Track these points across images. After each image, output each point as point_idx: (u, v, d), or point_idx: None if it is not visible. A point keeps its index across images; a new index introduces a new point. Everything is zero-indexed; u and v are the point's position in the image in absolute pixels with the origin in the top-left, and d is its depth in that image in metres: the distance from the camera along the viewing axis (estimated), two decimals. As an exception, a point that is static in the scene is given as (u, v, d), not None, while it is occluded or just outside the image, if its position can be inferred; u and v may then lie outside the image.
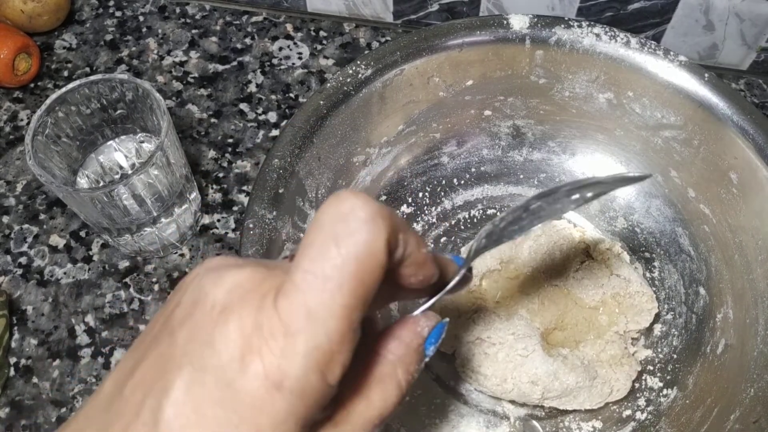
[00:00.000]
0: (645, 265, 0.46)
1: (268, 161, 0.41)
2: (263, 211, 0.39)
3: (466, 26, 0.45)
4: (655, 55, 0.43)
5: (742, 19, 0.53)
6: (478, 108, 0.48)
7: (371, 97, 0.44)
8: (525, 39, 0.44)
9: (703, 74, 0.42)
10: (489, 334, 0.41)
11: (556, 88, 0.46)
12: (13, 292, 0.48)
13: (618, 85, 0.45)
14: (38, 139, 0.43)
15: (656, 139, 0.45)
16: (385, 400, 0.24)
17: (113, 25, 0.61)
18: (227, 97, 0.57)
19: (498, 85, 0.46)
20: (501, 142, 0.49)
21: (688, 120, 0.43)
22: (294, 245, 0.40)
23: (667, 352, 0.43)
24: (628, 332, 0.43)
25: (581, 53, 0.44)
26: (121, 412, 0.21)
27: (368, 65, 0.44)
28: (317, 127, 0.42)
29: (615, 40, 0.44)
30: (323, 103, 0.43)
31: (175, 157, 0.44)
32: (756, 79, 0.57)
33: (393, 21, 0.61)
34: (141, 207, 0.44)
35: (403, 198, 0.48)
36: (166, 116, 0.42)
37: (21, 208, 0.52)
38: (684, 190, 0.45)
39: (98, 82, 0.44)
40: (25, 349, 0.46)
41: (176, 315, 0.22)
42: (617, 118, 0.46)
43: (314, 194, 0.43)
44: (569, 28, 0.44)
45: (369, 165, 0.46)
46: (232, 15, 0.62)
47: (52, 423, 0.43)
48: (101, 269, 0.49)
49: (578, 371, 0.40)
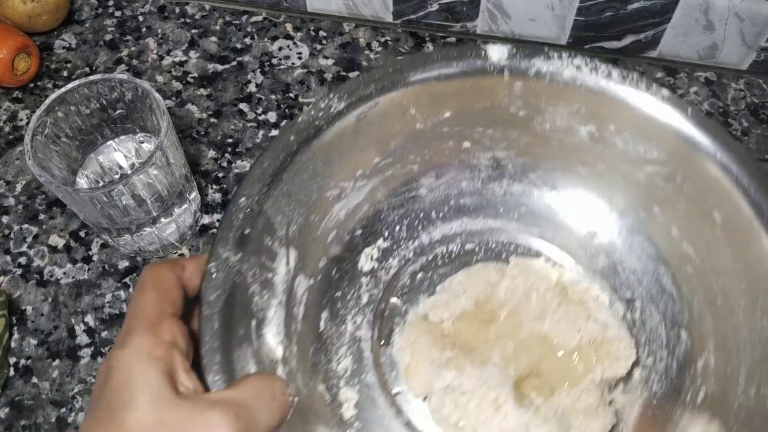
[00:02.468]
0: (626, 305, 0.45)
1: (234, 200, 0.39)
2: (227, 254, 0.37)
3: (442, 57, 0.43)
4: (637, 88, 0.42)
5: (742, 19, 0.53)
6: (456, 139, 0.46)
7: (345, 131, 0.43)
8: (503, 70, 0.43)
9: (687, 109, 0.41)
10: (461, 382, 0.40)
11: (536, 120, 0.45)
12: (13, 292, 0.48)
13: (599, 117, 0.43)
14: (38, 139, 0.43)
15: (639, 174, 0.44)
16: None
17: (113, 24, 0.61)
18: (227, 97, 0.57)
19: (477, 116, 0.45)
20: (480, 174, 0.48)
21: (671, 155, 0.42)
22: (260, 287, 0.39)
23: (646, 397, 0.42)
24: (605, 380, 0.42)
25: (561, 85, 0.43)
26: None
27: (341, 98, 0.42)
28: (287, 163, 0.41)
29: (596, 72, 0.42)
30: (294, 138, 0.41)
31: (175, 157, 0.44)
32: (756, 78, 0.57)
33: (393, 21, 0.61)
34: (140, 207, 0.44)
35: (379, 232, 0.47)
36: (166, 116, 0.42)
37: (20, 208, 0.52)
38: (667, 227, 0.43)
39: (98, 82, 0.44)
40: (25, 349, 0.46)
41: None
42: (599, 151, 0.44)
43: (284, 232, 0.41)
44: (549, 59, 0.43)
45: (344, 199, 0.45)
46: (231, 15, 0.62)
47: (51, 423, 0.43)
48: (101, 269, 0.49)
49: (551, 424, 0.39)
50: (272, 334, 0.40)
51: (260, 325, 0.39)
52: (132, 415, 0.28)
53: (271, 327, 0.40)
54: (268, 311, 0.40)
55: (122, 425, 0.28)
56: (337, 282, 0.45)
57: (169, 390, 0.29)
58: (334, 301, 0.45)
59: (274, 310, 0.40)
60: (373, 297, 0.46)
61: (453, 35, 0.60)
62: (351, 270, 0.46)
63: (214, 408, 0.29)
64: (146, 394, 0.28)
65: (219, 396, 0.30)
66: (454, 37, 0.60)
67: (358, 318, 0.45)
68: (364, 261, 0.47)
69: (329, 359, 0.43)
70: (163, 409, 0.28)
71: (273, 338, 0.40)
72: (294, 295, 0.42)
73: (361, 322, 0.45)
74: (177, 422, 0.28)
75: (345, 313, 0.45)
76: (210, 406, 0.29)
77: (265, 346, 0.39)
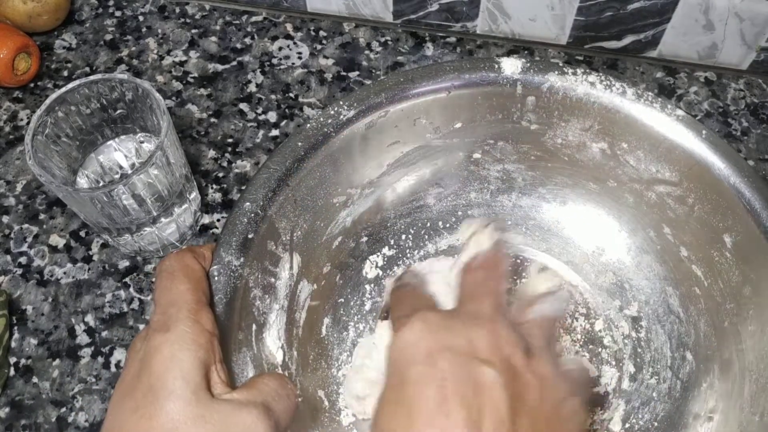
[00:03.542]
0: (632, 324, 0.45)
1: (239, 204, 0.39)
2: (229, 257, 0.37)
3: (455, 68, 0.43)
4: (651, 107, 0.41)
5: (742, 19, 0.53)
6: (466, 151, 0.46)
7: (353, 139, 0.43)
8: (516, 84, 0.43)
9: (701, 131, 0.40)
10: None
11: (548, 135, 0.45)
12: (13, 291, 0.48)
13: (612, 135, 0.43)
14: (38, 139, 0.43)
15: (650, 193, 0.44)
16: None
17: (113, 24, 0.61)
18: (227, 96, 0.57)
19: (488, 128, 0.45)
20: (490, 186, 0.48)
21: (683, 177, 0.42)
22: (262, 291, 0.39)
23: (647, 419, 0.41)
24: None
25: (575, 101, 0.42)
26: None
27: (351, 106, 0.42)
28: (294, 168, 0.41)
29: (611, 89, 0.42)
30: (301, 145, 0.41)
31: (175, 157, 0.44)
32: (756, 78, 0.57)
33: (393, 21, 0.61)
34: (141, 207, 0.44)
35: (385, 240, 0.47)
36: (166, 116, 0.42)
37: (21, 208, 0.52)
38: (677, 248, 0.43)
39: (98, 82, 0.44)
40: (25, 348, 0.46)
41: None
42: (610, 169, 0.44)
43: (288, 237, 0.41)
44: (563, 74, 0.42)
45: (350, 206, 0.45)
46: (231, 15, 0.62)
47: (52, 423, 0.43)
48: (101, 269, 0.49)
49: None
50: (272, 338, 0.40)
51: (261, 330, 0.39)
52: (175, 405, 0.28)
53: (272, 331, 0.40)
54: (270, 315, 0.40)
55: (165, 412, 0.28)
56: (341, 288, 0.45)
57: (204, 386, 0.29)
58: (336, 307, 0.45)
59: (275, 314, 0.40)
60: (377, 305, 0.46)
61: (453, 35, 0.60)
62: (355, 277, 0.46)
63: (249, 408, 0.29)
64: (189, 385, 0.29)
65: (248, 396, 0.31)
66: (454, 37, 0.60)
67: (360, 325, 0.45)
68: (369, 268, 0.47)
69: (329, 365, 0.43)
70: (203, 404, 0.29)
71: (273, 343, 0.40)
72: (296, 300, 0.42)
73: (363, 329, 0.45)
74: (216, 420, 0.28)
75: (347, 319, 0.45)
76: (244, 406, 0.30)
77: (264, 351, 0.39)
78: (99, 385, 0.45)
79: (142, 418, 0.28)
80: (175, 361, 0.29)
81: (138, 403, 0.29)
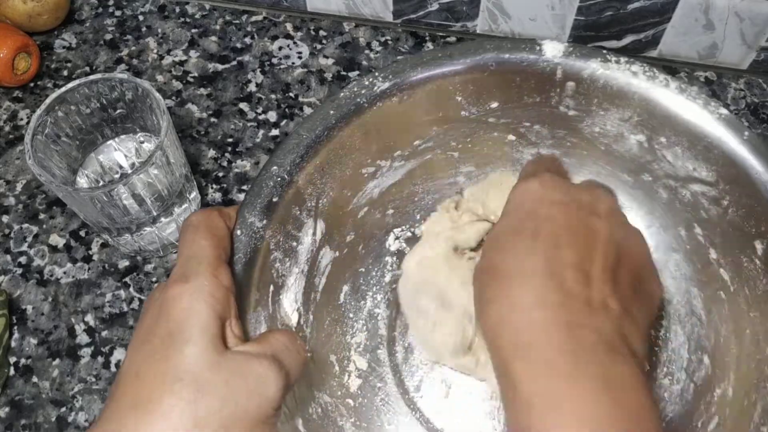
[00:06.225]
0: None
1: (266, 167, 0.40)
2: (252, 219, 0.38)
3: (495, 47, 0.42)
4: (694, 102, 0.40)
5: (742, 19, 0.53)
6: (501, 131, 0.45)
7: (386, 111, 0.42)
8: (557, 68, 0.42)
9: (743, 132, 0.39)
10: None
11: (585, 122, 0.44)
12: (13, 291, 0.48)
13: (651, 128, 0.42)
14: (38, 139, 0.43)
15: (684, 191, 0.42)
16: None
17: (113, 24, 0.61)
18: (227, 96, 0.57)
19: (524, 110, 0.44)
20: None
21: (720, 178, 0.40)
22: (283, 254, 0.40)
23: None
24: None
25: (616, 90, 0.41)
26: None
27: (386, 78, 0.42)
28: (323, 136, 0.41)
29: (653, 80, 0.41)
30: (333, 113, 0.41)
31: (175, 157, 0.44)
32: (756, 78, 0.57)
33: (393, 20, 0.61)
34: (141, 206, 0.44)
35: (411, 214, 0.47)
36: (166, 116, 0.42)
37: (21, 208, 0.52)
38: (706, 249, 0.42)
39: (98, 82, 0.44)
40: (25, 348, 0.46)
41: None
42: (647, 162, 0.43)
43: (314, 203, 0.41)
44: (606, 62, 0.41)
45: (379, 177, 0.45)
46: (231, 14, 0.62)
47: (51, 422, 0.43)
48: (101, 269, 0.49)
49: None
50: (289, 300, 0.40)
51: (278, 291, 0.40)
52: (192, 350, 0.29)
53: (289, 294, 0.41)
54: (288, 278, 0.41)
55: (182, 355, 0.29)
56: (363, 258, 0.46)
57: (220, 337, 0.30)
58: (356, 276, 0.45)
59: (294, 278, 0.41)
60: (396, 277, 0.45)
61: (453, 35, 0.60)
62: (378, 248, 0.46)
63: (261, 359, 0.30)
64: (205, 334, 0.30)
65: (259, 349, 0.32)
66: (454, 37, 0.60)
67: (379, 296, 0.45)
68: (392, 240, 0.47)
69: (344, 332, 0.44)
70: (219, 353, 0.30)
71: (289, 305, 0.40)
72: (317, 266, 0.43)
73: (380, 300, 0.45)
74: (231, 367, 0.29)
75: (366, 289, 0.45)
76: (255, 357, 0.30)
77: (280, 312, 0.39)
78: (99, 384, 0.45)
79: (160, 360, 0.29)
80: (194, 311, 0.30)
81: (156, 347, 0.30)
